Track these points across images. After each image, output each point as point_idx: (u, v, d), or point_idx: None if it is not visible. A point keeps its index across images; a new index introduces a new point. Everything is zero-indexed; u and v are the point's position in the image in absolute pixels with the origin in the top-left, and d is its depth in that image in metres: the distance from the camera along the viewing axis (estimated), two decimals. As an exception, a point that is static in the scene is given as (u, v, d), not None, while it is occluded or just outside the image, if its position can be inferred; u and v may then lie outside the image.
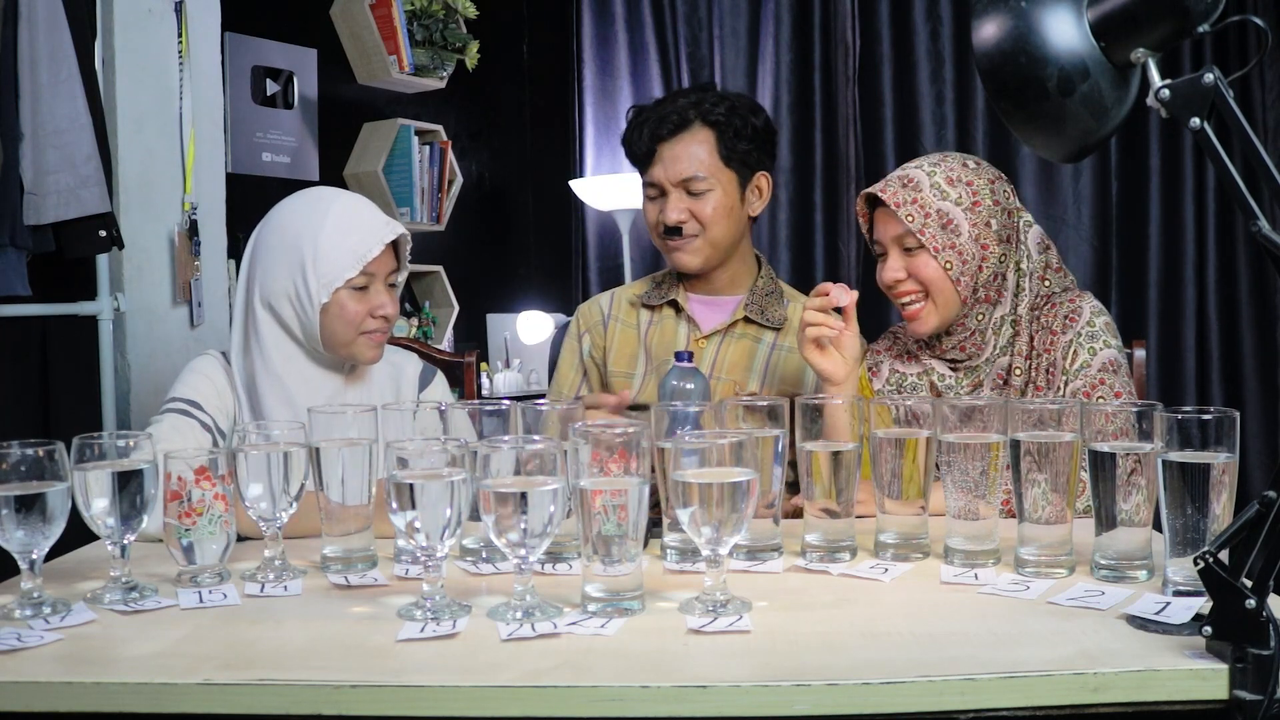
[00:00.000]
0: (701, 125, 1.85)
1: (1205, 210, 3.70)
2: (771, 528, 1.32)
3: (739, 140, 1.86)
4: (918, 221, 1.62)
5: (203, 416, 1.58)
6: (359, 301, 1.59)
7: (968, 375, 1.70)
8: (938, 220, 1.62)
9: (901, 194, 1.64)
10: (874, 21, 3.87)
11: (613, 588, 1.09)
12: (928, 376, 1.73)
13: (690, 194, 1.85)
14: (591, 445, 1.08)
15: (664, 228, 1.87)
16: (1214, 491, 1.09)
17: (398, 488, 1.07)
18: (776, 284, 1.96)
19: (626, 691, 0.91)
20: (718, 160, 1.85)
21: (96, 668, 0.98)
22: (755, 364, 1.89)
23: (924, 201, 1.62)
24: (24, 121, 2.17)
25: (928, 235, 1.62)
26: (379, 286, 1.61)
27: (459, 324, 3.99)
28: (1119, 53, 1.02)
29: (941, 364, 1.73)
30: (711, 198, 1.85)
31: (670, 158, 1.85)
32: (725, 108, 1.85)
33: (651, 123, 1.86)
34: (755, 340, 1.90)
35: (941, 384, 1.72)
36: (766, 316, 1.89)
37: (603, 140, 4.16)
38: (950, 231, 1.62)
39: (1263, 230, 0.92)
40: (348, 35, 3.62)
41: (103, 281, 2.45)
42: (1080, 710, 0.92)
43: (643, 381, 1.90)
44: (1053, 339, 1.65)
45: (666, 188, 1.86)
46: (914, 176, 1.65)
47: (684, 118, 1.85)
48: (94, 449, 1.16)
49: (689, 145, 1.85)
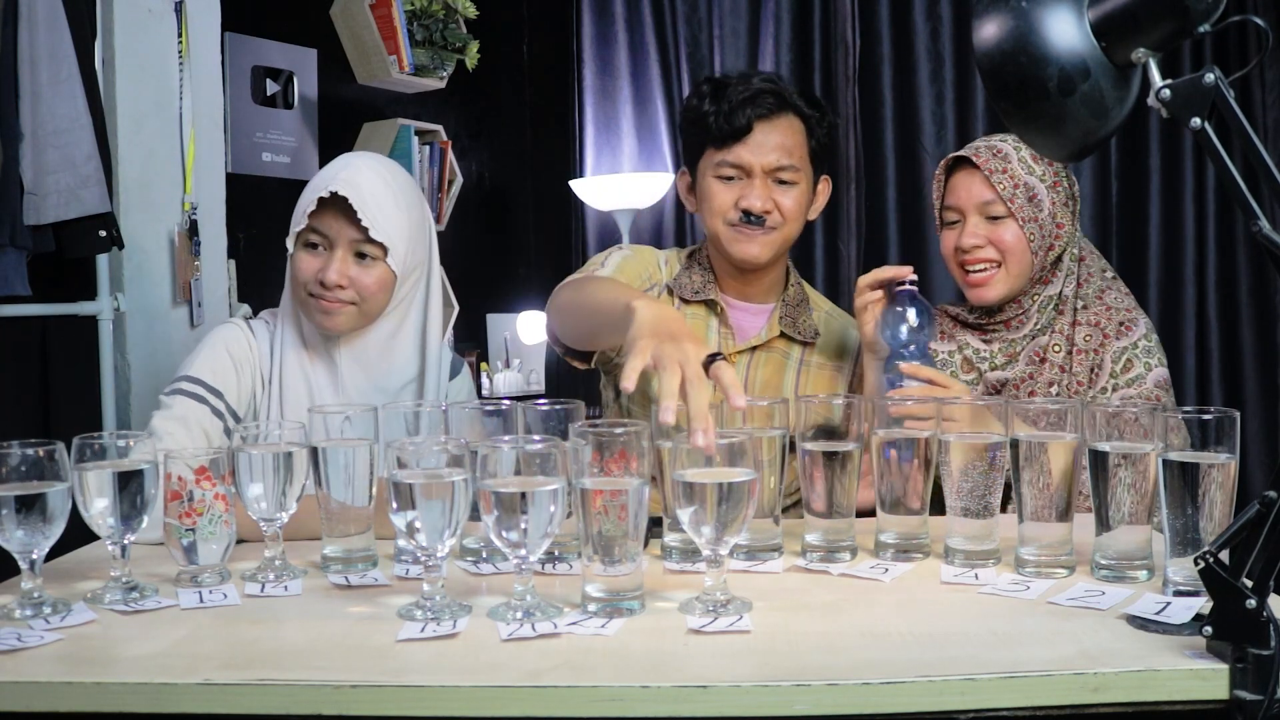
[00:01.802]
0: (794, 114, 1.73)
1: (1205, 210, 3.70)
2: (772, 527, 1.32)
3: (826, 136, 1.77)
4: (1008, 189, 1.66)
5: (215, 403, 1.55)
6: (310, 260, 1.54)
7: (1003, 348, 1.73)
8: (1025, 192, 1.66)
9: (993, 161, 1.68)
10: (874, 21, 3.87)
11: (613, 588, 1.09)
12: (960, 353, 1.75)
13: (778, 183, 1.73)
14: (592, 445, 1.08)
15: (744, 214, 1.71)
16: (1214, 491, 1.09)
17: (398, 488, 1.07)
18: (803, 290, 1.87)
19: (626, 691, 0.91)
20: (806, 153, 1.75)
21: (96, 668, 0.98)
22: (785, 385, 1.80)
23: (1013, 172, 1.67)
24: (24, 121, 2.17)
25: (1016, 204, 1.66)
26: (337, 253, 1.53)
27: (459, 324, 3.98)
28: (1119, 53, 1.02)
29: (975, 338, 1.75)
30: (795, 191, 1.74)
31: (766, 141, 1.71)
32: (808, 101, 1.76)
33: (748, 98, 1.70)
34: (785, 355, 1.81)
35: (976, 358, 1.73)
36: (799, 329, 1.80)
37: (603, 140, 4.16)
38: (1034, 205, 1.67)
39: (1263, 230, 0.92)
40: (348, 35, 3.61)
41: (103, 281, 2.44)
42: (1080, 710, 0.92)
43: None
44: (1104, 341, 1.69)
45: (755, 171, 1.71)
46: (1001, 148, 1.69)
47: (781, 101, 1.71)
48: (94, 449, 1.16)
49: (785, 131, 1.72)
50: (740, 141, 1.71)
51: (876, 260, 3.87)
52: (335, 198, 1.51)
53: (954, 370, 1.74)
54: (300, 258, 1.55)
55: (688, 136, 1.80)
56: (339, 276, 1.52)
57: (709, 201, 1.76)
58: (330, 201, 1.51)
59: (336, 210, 1.52)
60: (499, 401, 1.35)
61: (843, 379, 1.82)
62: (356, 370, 1.61)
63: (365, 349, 1.62)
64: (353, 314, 1.56)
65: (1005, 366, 1.71)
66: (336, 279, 1.52)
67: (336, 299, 1.54)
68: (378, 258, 1.54)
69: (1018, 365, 1.70)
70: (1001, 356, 1.72)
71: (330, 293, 1.53)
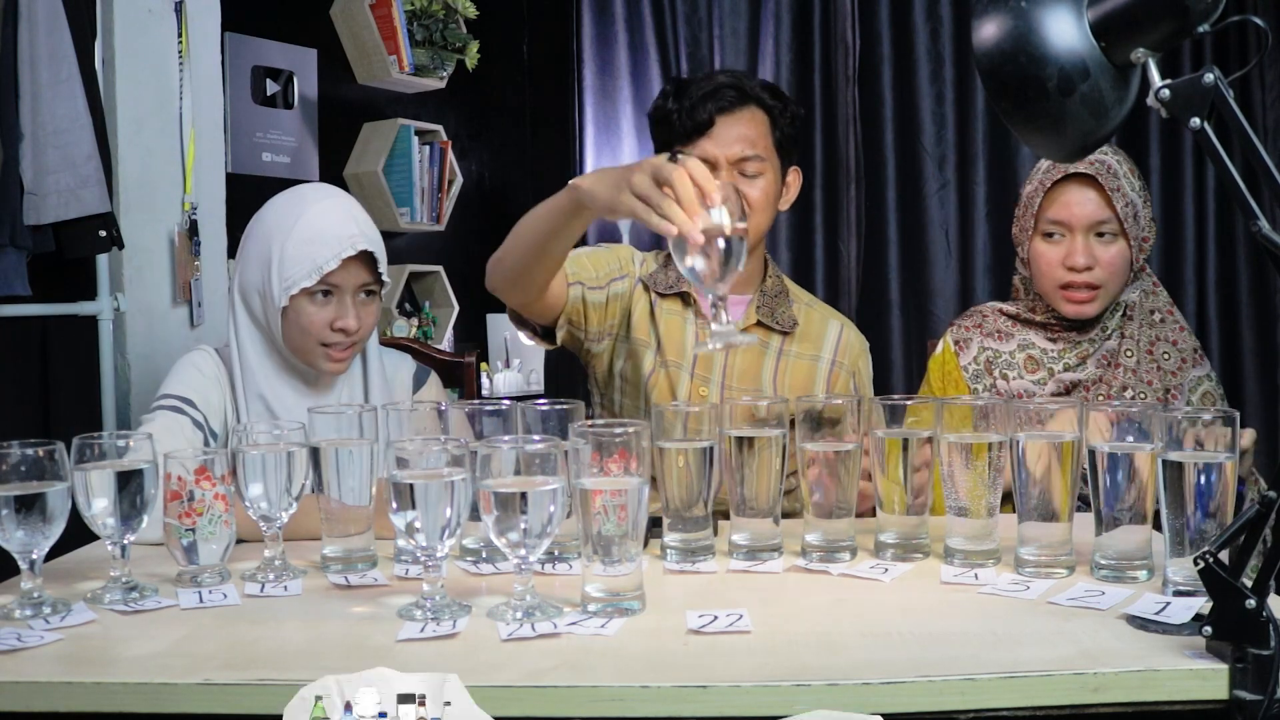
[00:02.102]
0: (756, 105, 1.76)
1: (1205, 210, 3.70)
2: (771, 527, 1.32)
3: (790, 126, 1.79)
4: (1124, 209, 1.65)
5: (194, 414, 1.57)
6: (319, 310, 1.56)
7: (1071, 348, 1.73)
8: (1132, 211, 1.67)
9: (1110, 179, 1.66)
10: (874, 21, 3.86)
11: (613, 588, 1.09)
12: (1024, 351, 1.75)
13: (743, 175, 1.75)
14: (592, 445, 1.08)
15: None
16: (1214, 491, 1.09)
17: (398, 488, 1.07)
18: (782, 282, 1.89)
19: (626, 691, 0.91)
20: (770, 143, 1.77)
21: (96, 668, 0.98)
22: (764, 373, 1.82)
23: (1124, 190, 1.66)
24: (24, 121, 2.17)
25: (1128, 223, 1.66)
26: (346, 298, 1.57)
27: (459, 324, 3.99)
28: (1119, 53, 1.02)
29: (1040, 336, 1.75)
30: (761, 182, 1.75)
31: (729, 133, 1.74)
32: (771, 93, 1.79)
33: (708, 93, 1.74)
34: (764, 345, 1.82)
35: (1044, 357, 1.73)
36: (777, 319, 1.82)
37: (603, 140, 4.15)
38: (1137, 222, 1.67)
39: (1263, 230, 0.92)
40: (348, 35, 3.62)
41: (103, 281, 2.44)
42: (1080, 710, 0.92)
43: (651, 373, 1.79)
44: (1182, 365, 1.70)
45: (720, 163, 1.73)
46: (1111, 165, 1.68)
47: (742, 94, 1.74)
48: (94, 449, 1.16)
49: (748, 123, 1.75)
50: (704, 135, 1.74)
51: (877, 260, 3.87)
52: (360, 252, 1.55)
53: (1017, 370, 1.74)
54: (306, 310, 1.56)
55: (656, 137, 1.84)
56: (358, 322, 1.56)
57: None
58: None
59: (348, 260, 1.55)
60: (499, 401, 1.35)
61: (821, 370, 1.83)
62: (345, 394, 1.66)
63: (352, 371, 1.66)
64: (353, 354, 1.62)
65: (1077, 368, 1.71)
66: (356, 324, 1.56)
67: (349, 343, 1.57)
68: (376, 291, 1.60)
69: (1088, 368, 1.71)
70: (1073, 357, 1.72)
71: (346, 338, 1.56)
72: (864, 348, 1.88)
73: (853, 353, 1.85)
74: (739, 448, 1.30)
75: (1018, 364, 1.74)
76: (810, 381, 1.82)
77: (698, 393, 1.78)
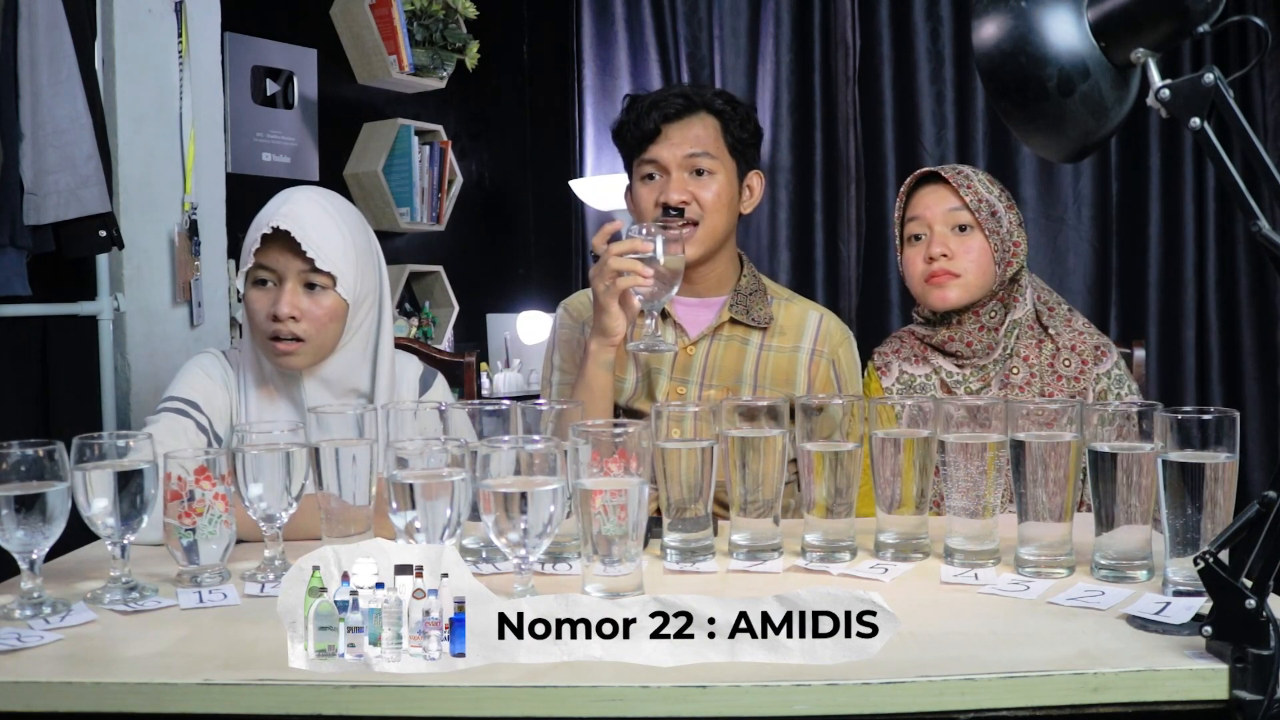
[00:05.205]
0: (706, 112, 1.83)
1: (1205, 210, 3.70)
2: (771, 527, 1.32)
3: (741, 131, 1.84)
4: (974, 201, 1.76)
5: (199, 417, 1.57)
6: (261, 297, 1.55)
7: (975, 373, 1.78)
8: (988, 207, 1.76)
9: (958, 177, 1.78)
10: (874, 21, 3.87)
11: (613, 588, 1.09)
12: (937, 375, 1.80)
13: (695, 174, 1.81)
14: (592, 445, 1.08)
15: (663, 207, 1.79)
16: (1214, 491, 1.09)
17: (398, 488, 1.07)
18: (759, 281, 1.91)
19: (626, 691, 0.91)
20: (722, 146, 1.82)
21: (96, 668, 0.98)
22: (745, 368, 1.83)
23: (976, 189, 1.77)
24: (24, 121, 2.17)
25: (982, 216, 1.75)
26: (288, 285, 1.53)
27: (459, 324, 3.99)
28: (1119, 53, 1.02)
29: (949, 362, 1.81)
30: (715, 182, 1.80)
31: (677, 137, 1.81)
32: (724, 99, 1.85)
33: (657, 104, 1.82)
34: (743, 342, 1.84)
35: (950, 380, 1.78)
36: (752, 316, 1.84)
37: (603, 140, 4.15)
38: (995, 220, 1.76)
39: (1263, 230, 0.92)
40: (348, 35, 3.62)
41: (103, 281, 2.45)
42: (1080, 710, 0.92)
43: (636, 388, 1.83)
44: (1084, 368, 1.75)
45: (670, 166, 1.80)
46: (962, 168, 1.81)
47: (690, 102, 1.82)
48: (94, 449, 1.16)
49: (696, 127, 1.82)
50: (652, 142, 1.82)
51: (877, 260, 3.88)
52: (278, 232, 1.51)
53: (933, 393, 1.78)
54: (252, 296, 1.56)
55: (621, 152, 1.91)
56: (290, 308, 1.52)
57: (637, 204, 1.87)
58: (274, 237, 1.52)
59: (281, 245, 1.52)
60: (499, 401, 1.35)
61: (801, 360, 1.84)
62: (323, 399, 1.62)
63: (328, 380, 1.62)
64: (307, 351, 1.56)
65: (980, 393, 1.76)
66: (288, 310, 1.52)
67: (291, 335, 1.53)
68: (327, 287, 1.54)
69: (990, 390, 1.76)
70: (976, 382, 1.77)
71: (284, 326, 1.53)
72: (845, 336, 1.89)
73: (833, 341, 1.86)
74: (740, 447, 1.30)
75: (933, 387, 1.80)
76: (791, 372, 1.83)
77: (675, 392, 1.81)
